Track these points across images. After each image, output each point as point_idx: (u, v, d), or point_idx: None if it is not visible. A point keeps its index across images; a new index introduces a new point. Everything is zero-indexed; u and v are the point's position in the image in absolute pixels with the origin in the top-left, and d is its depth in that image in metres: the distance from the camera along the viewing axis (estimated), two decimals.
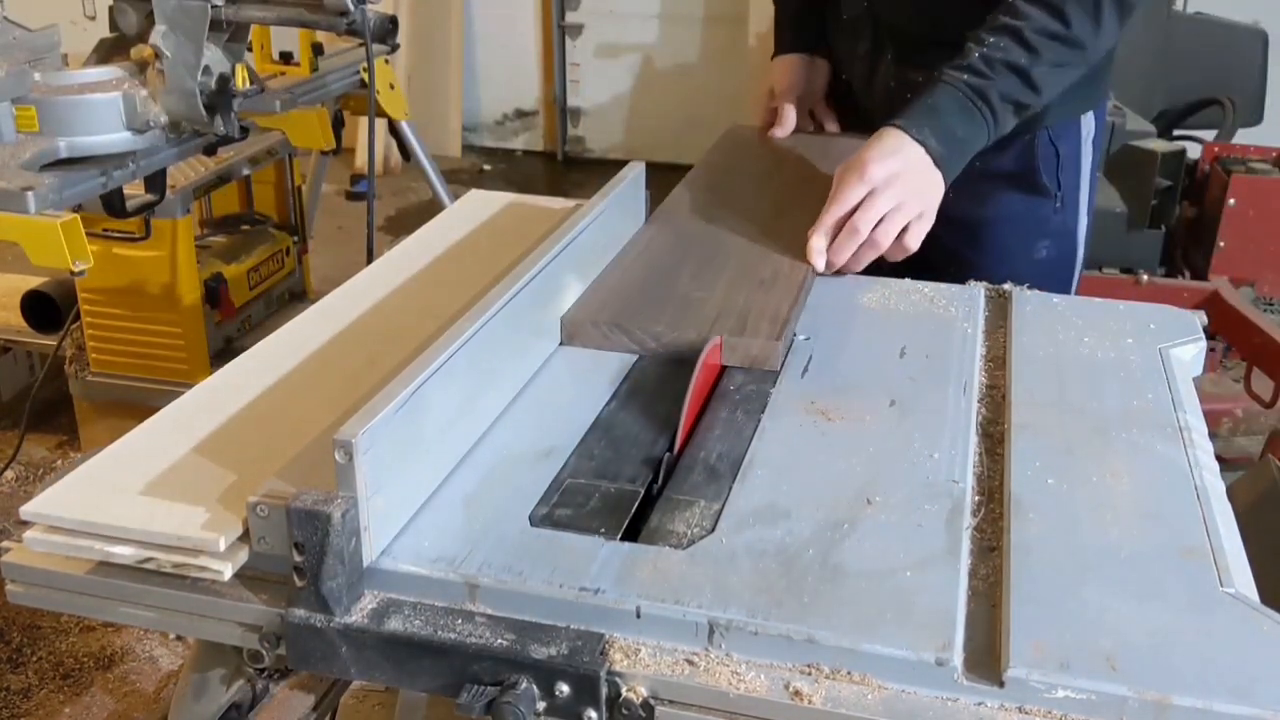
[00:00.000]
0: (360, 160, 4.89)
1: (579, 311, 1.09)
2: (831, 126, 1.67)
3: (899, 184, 1.20)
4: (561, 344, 1.06)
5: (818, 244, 1.21)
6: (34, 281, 2.66)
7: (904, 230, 1.21)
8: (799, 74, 1.66)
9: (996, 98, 1.26)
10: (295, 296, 2.85)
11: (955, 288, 1.20)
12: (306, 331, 1.03)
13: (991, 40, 1.26)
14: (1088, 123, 1.49)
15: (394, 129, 3.34)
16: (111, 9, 1.84)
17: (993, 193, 1.45)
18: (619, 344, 1.06)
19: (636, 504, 0.84)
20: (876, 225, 1.20)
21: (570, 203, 1.37)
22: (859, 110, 1.62)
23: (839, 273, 1.23)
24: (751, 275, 1.17)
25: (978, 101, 1.25)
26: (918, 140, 1.22)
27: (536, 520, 0.82)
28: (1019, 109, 1.29)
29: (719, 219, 1.33)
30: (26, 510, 0.76)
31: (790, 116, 1.62)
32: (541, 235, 1.12)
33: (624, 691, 0.70)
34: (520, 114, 5.57)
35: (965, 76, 1.26)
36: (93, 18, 4.59)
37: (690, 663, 0.71)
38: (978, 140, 1.27)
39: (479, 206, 1.36)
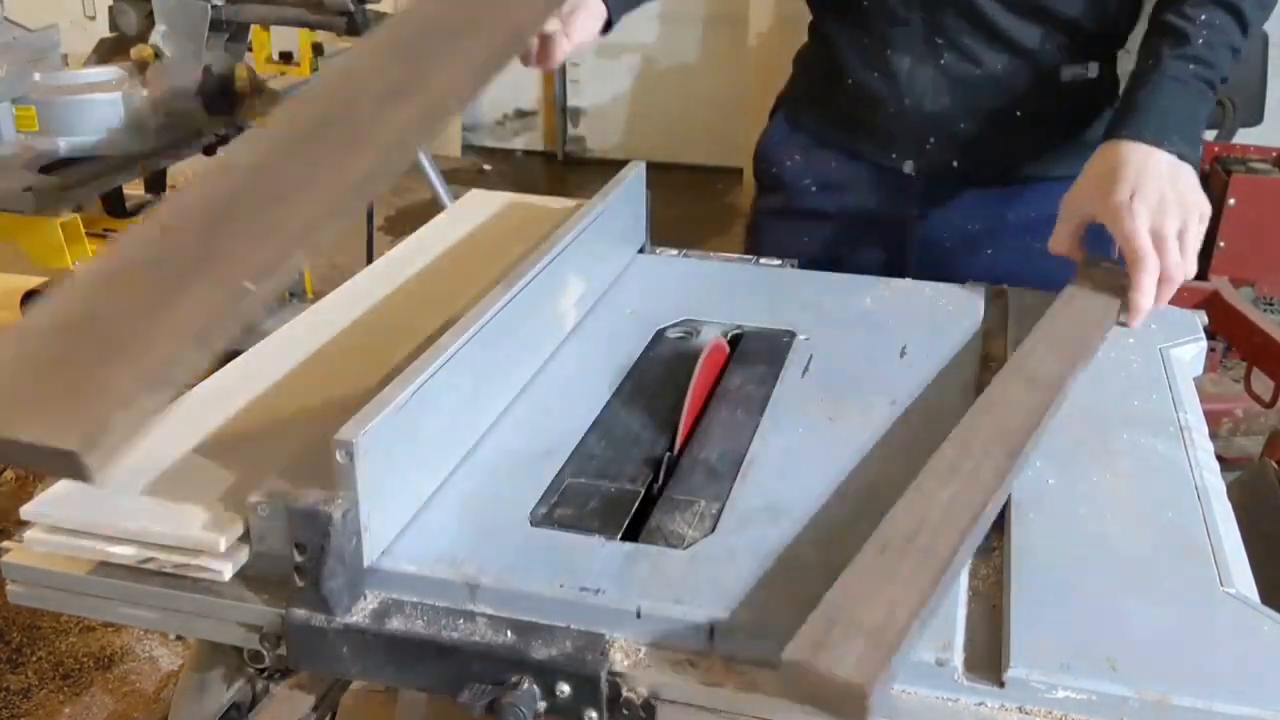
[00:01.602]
0: None
1: None
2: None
3: (1172, 203, 1.05)
4: None
5: (1148, 306, 1.06)
6: (34, 281, 2.65)
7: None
8: None
9: (1218, 82, 1.14)
10: (295, 296, 2.85)
11: (955, 287, 1.19)
12: (306, 331, 1.03)
13: (1205, 17, 1.13)
14: None
15: None
16: (111, 9, 1.84)
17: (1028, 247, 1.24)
18: None
19: (637, 504, 0.84)
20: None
21: (570, 203, 1.37)
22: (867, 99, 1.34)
23: None
24: None
25: (1208, 92, 1.13)
26: (1172, 151, 1.08)
27: (537, 520, 0.82)
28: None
29: None
30: (26, 510, 0.76)
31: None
32: (541, 235, 1.12)
33: (624, 692, 0.70)
34: (520, 114, 5.57)
35: (1192, 67, 1.12)
36: (93, 18, 4.59)
37: (690, 663, 0.71)
38: (1205, 123, 1.14)
39: (479, 206, 1.36)
